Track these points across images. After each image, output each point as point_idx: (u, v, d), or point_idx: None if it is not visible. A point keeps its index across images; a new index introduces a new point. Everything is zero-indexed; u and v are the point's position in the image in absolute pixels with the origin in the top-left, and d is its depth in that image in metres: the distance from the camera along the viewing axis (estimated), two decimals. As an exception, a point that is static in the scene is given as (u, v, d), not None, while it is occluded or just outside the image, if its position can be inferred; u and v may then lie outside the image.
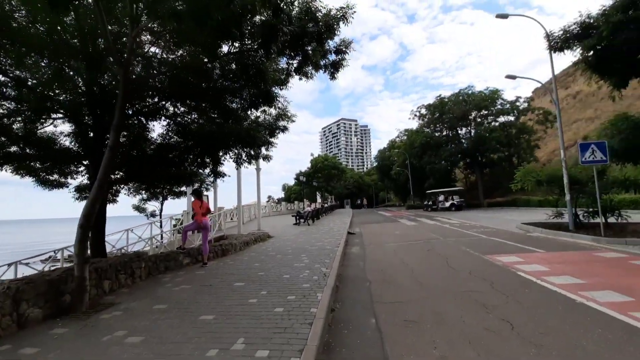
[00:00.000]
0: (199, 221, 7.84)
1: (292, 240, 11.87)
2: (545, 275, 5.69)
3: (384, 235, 13.70)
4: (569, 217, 10.93)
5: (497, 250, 8.27)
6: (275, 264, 7.63)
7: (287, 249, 9.78)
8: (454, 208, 31.10)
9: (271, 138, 10.42)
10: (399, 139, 53.18)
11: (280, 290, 5.34)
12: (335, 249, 9.33)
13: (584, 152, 9.41)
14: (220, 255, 8.88)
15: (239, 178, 14.01)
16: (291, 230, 15.82)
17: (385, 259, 8.27)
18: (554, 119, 37.30)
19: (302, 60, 6.29)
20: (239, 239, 10.41)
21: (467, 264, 7.02)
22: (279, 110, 10.02)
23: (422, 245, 10.08)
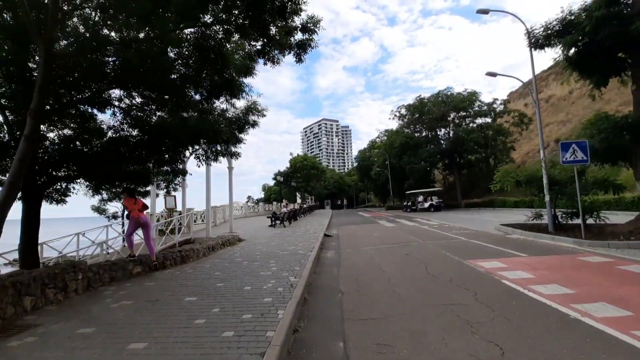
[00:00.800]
0: (136, 217, 7.01)
1: (264, 244, 11.07)
2: (532, 283, 5.20)
3: (362, 237, 13.12)
4: (548, 218, 10.70)
5: (478, 255, 7.82)
6: (239, 272, 6.83)
7: (255, 254, 8.98)
8: (432, 209, 31.12)
9: (240, 134, 9.61)
10: (379, 139, 53.21)
11: (236, 306, 4.58)
12: (308, 254, 8.63)
13: (564, 152, 9.15)
14: (180, 263, 7.98)
15: (208, 177, 13.08)
16: (265, 233, 15.00)
17: (361, 265, 7.64)
18: (529, 121, 38.28)
19: (266, 42, 5.55)
20: (203, 244, 9.51)
21: (448, 270, 6.49)
22: (248, 103, 9.24)
23: (401, 248, 9.54)
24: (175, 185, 18.55)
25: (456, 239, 10.90)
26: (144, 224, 7.23)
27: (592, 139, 9.31)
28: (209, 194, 13.09)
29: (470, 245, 9.35)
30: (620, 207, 17.17)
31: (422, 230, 14.53)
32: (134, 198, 7.36)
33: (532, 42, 10.76)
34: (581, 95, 47.36)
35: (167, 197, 14.50)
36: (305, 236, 13.00)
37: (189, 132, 7.97)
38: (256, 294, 5.16)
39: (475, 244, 9.61)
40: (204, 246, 9.13)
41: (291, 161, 43.63)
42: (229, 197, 15.69)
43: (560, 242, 8.85)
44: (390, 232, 14.31)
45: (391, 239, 12.02)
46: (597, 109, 40.74)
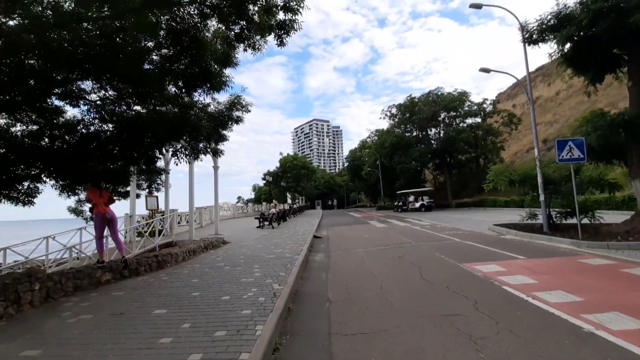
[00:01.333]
0: (102, 212, 6.39)
1: (250, 247, 10.51)
2: (535, 290, 4.80)
3: (352, 239, 12.67)
4: (543, 218, 10.42)
5: (474, 257, 7.43)
6: (218, 279, 6.29)
7: (239, 258, 8.43)
8: (423, 209, 30.93)
9: (223, 130, 9.05)
10: (370, 139, 53.00)
11: (210, 321, 4.05)
12: (295, 258, 8.12)
13: (561, 149, 8.86)
14: (156, 269, 7.38)
15: (191, 176, 12.45)
16: (252, 234, 14.42)
17: (352, 269, 7.17)
18: (519, 121, 38.56)
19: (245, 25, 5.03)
20: (183, 247, 8.92)
21: (444, 274, 6.06)
22: (232, 97, 8.69)
23: (393, 251, 9.11)
24: (158, 185, 17.94)
25: (449, 240, 10.54)
26: (110, 220, 6.67)
27: (588, 137, 9.04)
28: (192, 194, 12.46)
29: (464, 247, 8.98)
30: (610, 207, 17.12)
31: (414, 231, 14.16)
32: (99, 189, 6.75)
33: (525, 37, 10.48)
34: (567, 96, 48.16)
35: (148, 197, 13.79)
36: (294, 238, 12.48)
37: (165, 127, 7.40)
38: (234, 305, 4.63)
39: (469, 245, 9.25)
40: (183, 250, 8.54)
41: (281, 161, 42.91)
42: (214, 197, 15.07)
43: (557, 243, 8.54)
44: (381, 233, 13.90)
45: (383, 240, 11.59)
46: (584, 109, 41.31)
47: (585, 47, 8.98)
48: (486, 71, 11.09)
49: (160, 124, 7.37)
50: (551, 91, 54.40)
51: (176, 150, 8.01)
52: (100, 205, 6.43)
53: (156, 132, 7.48)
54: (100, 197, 6.59)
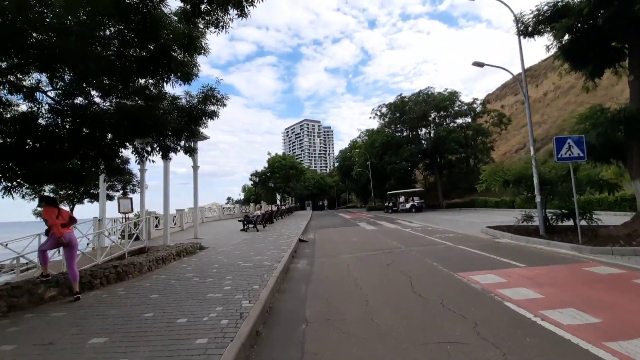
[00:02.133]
0: (57, 235, 5.44)
1: (227, 253, 9.70)
2: (543, 307, 4.16)
3: (340, 243, 11.96)
4: (539, 220, 9.88)
5: (469, 265, 6.79)
6: (182, 294, 5.49)
7: (212, 268, 7.63)
8: (414, 209, 30.46)
9: (196, 126, 8.24)
10: (360, 139, 52.49)
11: (155, 354, 3.28)
12: (275, 266, 7.37)
13: (559, 147, 8.31)
14: (114, 281, 6.53)
15: (166, 175, 11.56)
16: (234, 239, 13.59)
17: (336, 280, 6.44)
18: (508, 121, 38.51)
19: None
20: (151, 255, 8.07)
21: (437, 287, 5.39)
22: (205, 89, 7.90)
23: (382, 257, 8.43)
24: (133, 185, 16.94)
25: (441, 244, 9.91)
26: (67, 244, 5.60)
27: (588, 135, 8.52)
28: (167, 195, 11.57)
29: (458, 253, 8.35)
30: (603, 207, 16.81)
31: (404, 234, 13.53)
32: (57, 208, 5.68)
33: (520, 30, 9.94)
34: (555, 97, 48.54)
35: (121, 199, 12.83)
36: (277, 242, 11.71)
37: (127, 122, 6.58)
38: (190, 330, 3.86)
39: (463, 250, 8.62)
40: (150, 259, 7.69)
41: (269, 161, 41.89)
42: (194, 199, 14.18)
43: (556, 248, 7.97)
44: (370, 237, 13.23)
45: (371, 244, 10.91)
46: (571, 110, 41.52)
47: (584, 40, 8.46)
48: (480, 65, 10.53)
49: (121, 118, 6.56)
50: (539, 92, 54.92)
51: (138, 147, 7.16)
52: (57, 227, 5.41)
53: (116, 128, 6.65)
54: (59, 217, 5.54)
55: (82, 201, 17.02)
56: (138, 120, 6.49)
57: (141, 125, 6.63)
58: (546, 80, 55.77)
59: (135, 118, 6.45)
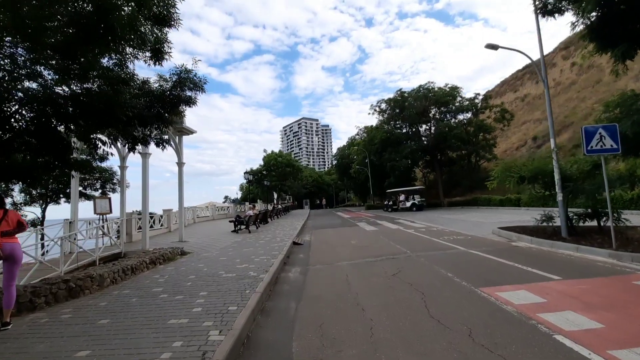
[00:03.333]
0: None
1: (210, 260, 8.59)
2: (610, 344, 3.07)
3: (338, 246, 10.86)
4: (561, 221, 8.82)
5: (492, 277, 5.70)
6: (139, 319, 4.38)
7: (188, 279, 6.51)
8: (415, 208, 29.43)
9: (169, 114, 7.11)
10: (358, 136, 51.36)
11: None
12: (261, 277, 6.27)
13: (589, 139, 7.22)
14: (63, 300, 5.41)
15: (145, 172, 10.42)
16: (223, 241, 12.46)
17: (332, 296, 5.34)
18: (511, 117, 37.49)
19: None
20: (118, 265, 6.95)
21: (459, 309, 4.30)
22: (179, 70, 6.77)
23: (386, 265, 7.33)
24: (114, 184, 15.76)
25: (452, 248, 8.83)
26: (7, 257, 4.36)
27: (620, 124, 7.44)
28: (145, 193, 10.42)
29: (473, 260, 7.26)
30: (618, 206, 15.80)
31: (407, 235, 12.44)
32: (3, 209, 4.44)
33: (538, 7, 8.85)
34: (556, 93, 47.55)
35: (97, 199, 11.69)
36: (269, 246, 10.60)
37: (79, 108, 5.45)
38: (126, 385, 2.75)
39: (478, 257, 7.54)
40: (115, 269, 6.56)
41: (265, 159, 40.64)
42: (179, 199, 13.04)
43: (589, 255, 6.88)
44: (371, 239, 12.13)
45: (373, 248, 9.82)
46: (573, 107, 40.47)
47: (615, 16, 7.37)
48: (494, 48, 9.43)
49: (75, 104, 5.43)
50: (539, 89, 54.07)
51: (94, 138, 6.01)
52: None
53: (68, 115, 5.52)
54: (1, 222, 4.33)
55: (57, 201, 15.80)
56: (95, 106, 5.36)
57: (99, 112, 5.50)
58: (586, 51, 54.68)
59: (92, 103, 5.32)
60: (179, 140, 12.96)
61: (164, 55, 6.38)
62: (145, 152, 10.44)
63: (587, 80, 43.71)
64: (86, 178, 14.54)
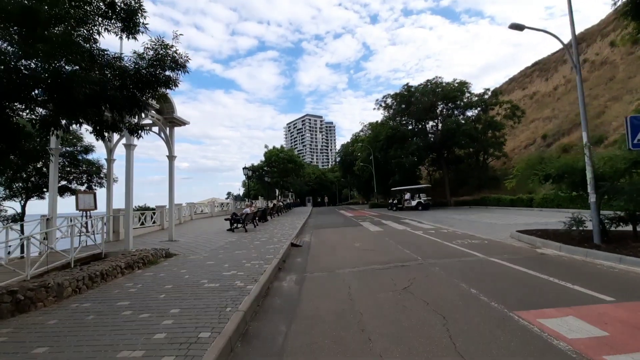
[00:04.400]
0: None
1: (196, 265, 7.65)
2: None
3: (340, 249, 9.89)
4: (593, 225, 7.77)
5: (526, 295, 4.70)
6: (83, 349, 3.44)
7: (163, 290, 5.57)
8: (420, 207, 28.36)
9: (144, 96, 6.15)
10: (363, 133, 50.26)
11: None
12: (248, 289, 5.33)
13: (636, 131, 6.16)
14: (8, 315, 4.48)
15: (129, 163, 9.50)
16: (216, 241, 11.55)
17: (331, 316, 4.37)
18: (522, 114, 36.14)
19: None
20: (84, 271, 6.03)
21: (494, 343, 3.30)
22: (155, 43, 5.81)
23: (395, 275, 6.34)
24: (101, 178, 14.87)
25: (469, 255, 7.82)
26: None
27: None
28: (129, 187, 9.49)
29: (498, 271, 6.25)
30: None
31: (416, 238, 11.43)
32: None
33: (573, -17, 7.75)
34: (566, 91, 46.08)
35: (80, 194, 10.81)
36: (264, 247, 9.66)
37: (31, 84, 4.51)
38: None
39: (502, 267, 6.53)
40: (79, 276, 5.64)
41: (266, 154, 39.58)
42: (169, 195, 12.11)
43: (637, 267, 5.83)
44: (376, 241, 11.14)
45: (379, 253, 8.83)
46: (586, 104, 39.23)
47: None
48: (519, 28, 8.33)
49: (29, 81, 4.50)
50: (549, 86, 52.75)
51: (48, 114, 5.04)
52: None
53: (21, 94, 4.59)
54: None
55: (42, 196, 14.84)
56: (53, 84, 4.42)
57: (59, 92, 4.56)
58: (556, 74, 53.56)
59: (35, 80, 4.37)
60: (169, 131, 12.02)
61: (138, 26, 5.43)
62: (130, 143, 9.53)
63: (599, 78, 42.25)
64: (71, 171, 13.69)
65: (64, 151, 13.02)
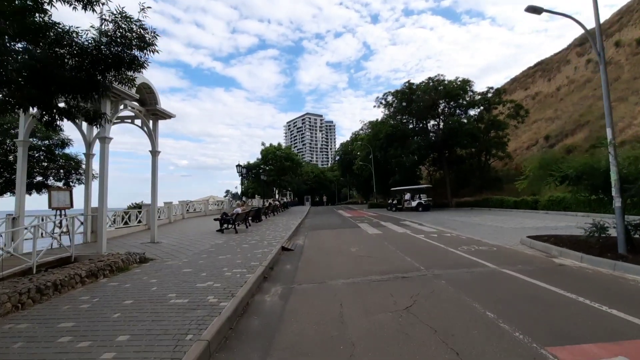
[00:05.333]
0: None
1: (171, 272, 6.80)
2: None
3: (334, 254, 9.04)
4: (617, 233, 6.93)
5: (554, 320, 3.86)
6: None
7: (121, 306, 4.71)
8: (421, 208, 27.51)
9: (105, 78, 5.28)
10: (362, 131, 49.41)
11: None
12: (223, 305, 4.48)
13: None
14: None
15: (102, 159, 8.64)
16: (201, 244, 10.69)
17: (316, 348, 3.52)
18: (526, 113, 35.28)
19: None
20: (29, 284, 5.18)
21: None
22: (117, 16, 4.95)
23: (394, 290, 5.49)
24: (80, 175, 13.99)
25: (478, 264, 6.97)
26: None
27: None
28: (102, 184, 8.62)
29: (515, 287, 5.39)
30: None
31: (417, 243, 10.59)
32: None
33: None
34: (569, 92, 45.29)
35: (54, 191, 9.94)
36: (252, 251, 8.81)
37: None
38: None
39: (519, 281, 5.68)
40: (20, 289, 4.77)
41: (263, 152, 38.64)
42: (152, 193, 11.23)
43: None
44: (374, 246, 10.29)
45: (377, 261, 7.98)
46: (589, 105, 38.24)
47: None
48: (537, 11, 7.46)
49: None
50: (552, 86, 52.04)
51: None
52: None
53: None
54: None
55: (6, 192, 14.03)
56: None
57: None
58: (559, 74, 52.88)
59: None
60: (153, 125, 11.14)
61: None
62: (105, 135, 8.67)
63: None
64: (49, 166, 12.83)
65: (39, 144, 12.21)
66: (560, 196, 19.47)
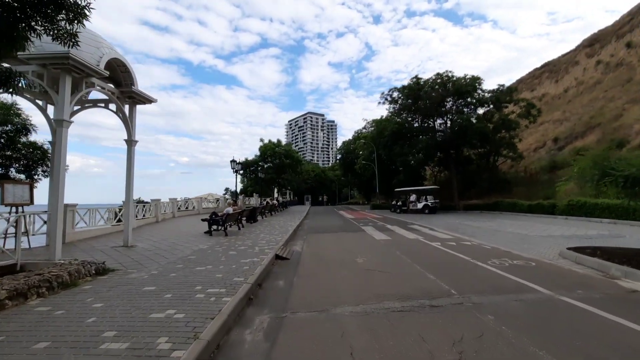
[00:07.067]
0: None
1: (128, 290, 5.28)
2: None
3: (338, 266, 7.50)
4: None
5: None
6: None
7: (29, 352, 3.20)
8: (427, 210, 25.98)
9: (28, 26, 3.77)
10: (365, 130, 47.91)
11: None
12: (176, 357, 2.96)
13: None
14: None
15: (59, 147, 7.15)
16: (182, 249, 9.18)
17: None
18: (538, 113, 33.67)
19: None
20: None
21: None
22: None
23: (424, 329, 3.97)
24: (47, 167, 12.40)
25: (526, 289, 5.43)
26: None
27: None
28: (57, 177, 7.13)
29: (592, 327, 3.87)
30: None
31: (436, 254, 9.05)
32: None
33: None
34: (578, 93, 43.72)
35: (7, 184, 8.44)
36: (239, 261, 7.30)
37: None
38: None
39: (592, 316, 4.15)
40: None
41: (261, 148, 37.01)
42: (126, 187, 9.71)
43: None
44: (385, 256, 8.76)
45: (391, 278, 6.45)
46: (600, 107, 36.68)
47: None
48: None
49: None
50: (559, 88, 50.67)
51: None
52: None
53: None
54: None
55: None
56: None
57: None
58: (567, 76, 51.49)
59: None
60: (129, 110, 9.63)
61: None
62: (61, 118, 7.16)
63: (615, 79, 40.03)
64: (12, 156, 11.26)
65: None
66: (581, 200, 17.95)
